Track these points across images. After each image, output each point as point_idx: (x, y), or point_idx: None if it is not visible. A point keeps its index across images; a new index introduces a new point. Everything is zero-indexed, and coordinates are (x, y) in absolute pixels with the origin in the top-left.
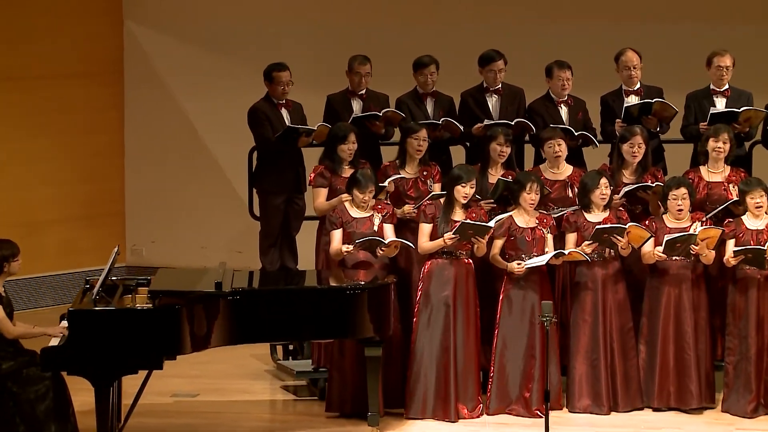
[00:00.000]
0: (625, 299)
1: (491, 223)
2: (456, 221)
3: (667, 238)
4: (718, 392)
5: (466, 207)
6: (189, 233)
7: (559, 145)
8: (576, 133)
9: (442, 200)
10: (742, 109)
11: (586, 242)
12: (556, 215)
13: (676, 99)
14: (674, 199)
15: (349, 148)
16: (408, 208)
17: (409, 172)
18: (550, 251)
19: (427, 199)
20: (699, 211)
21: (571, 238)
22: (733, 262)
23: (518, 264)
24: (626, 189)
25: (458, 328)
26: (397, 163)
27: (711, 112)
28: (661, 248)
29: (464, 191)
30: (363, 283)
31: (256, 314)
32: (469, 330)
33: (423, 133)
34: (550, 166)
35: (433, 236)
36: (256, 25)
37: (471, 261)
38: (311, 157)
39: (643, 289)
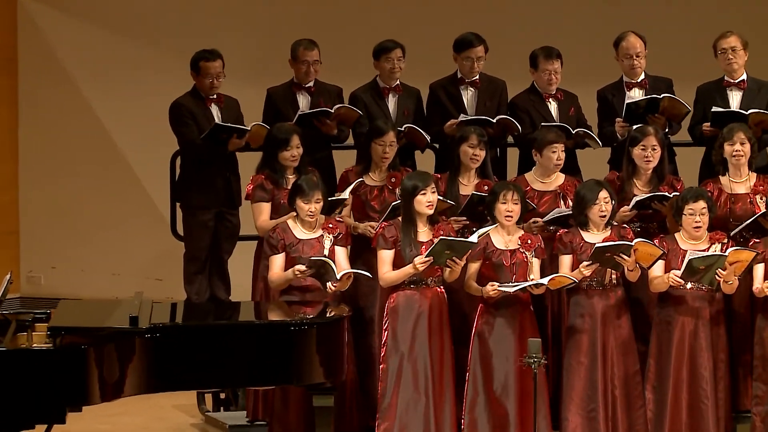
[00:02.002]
0: (629, 336)
1: (474, 237)
2: (422, 242)
3: (690, 257)
4: None
5: (432, 223)
6: (98, 257)
7: (562, 151)
8: (573, 131)
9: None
10: (749, 111)
11: (585, 263)
12: (546, 220)
13: (688, 93)
14: (691, 215)
15: (292, 154)
16: (363, 226)
17: (374, 178)
18: (536, 279)
19: (385, 219)
20: (720, 229)
21: (565, 260)
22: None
23: (491, 285)
24: (638, 198)
25: (435, 370)
26: (359, 169)
27: (713, 110)
28: (678, 272)
29: (427, 200)
30: (311, 317)
31: (180, 356)
32: (444, 371)
33: (391, 136)
34: (541, 174)
35: (397, 264)
36: (183, 5)
37: (443, 289)
38: (247, 163)
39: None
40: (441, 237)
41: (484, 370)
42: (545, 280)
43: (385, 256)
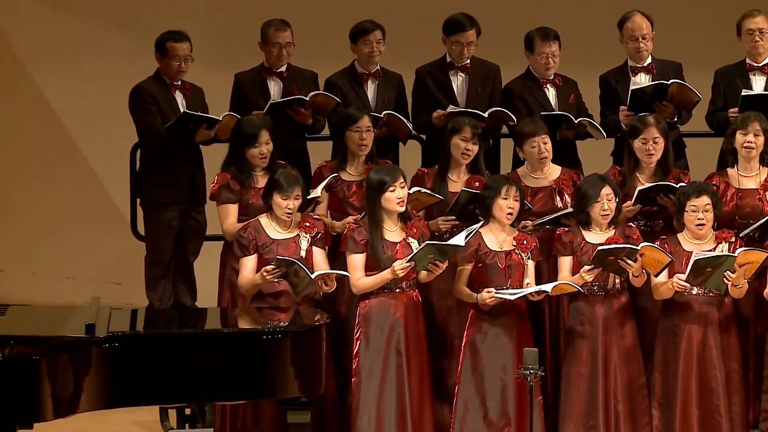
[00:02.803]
0: (634, 346)
1: (461, 238)
2: (395, 242)
3: (696, 257)
4: None
5: (403, 220)
6: (50, 259)
7: (545, 143)
8: (576, 120)
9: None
10: None
11: (586, 267)
12: (538, 224)
13: (700, 79)
14: (693, 212)
15: (261, 152)
16: (341, 224)
17: (351, 173)
18: (531, 283)
19: (359, 218)
20: (726, 227)
21: (565, 262)
22: None
23: (488, 292)
24: (641, 188)
25: (413, 383)
26: (335, 164)
27: (743, 94)
28: (683, 275)
29: (396, 196)
30: (285, 324)
31: (141, 367)
32: (423, 384)
33: (365, 121)
34: (532, 170)
35: (370, 268)
36: None
37: (417, 292)
38: (215, 156)
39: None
40: (427, 242)
41: (476, 383)
42: (548, 287)
43: (357, 261)
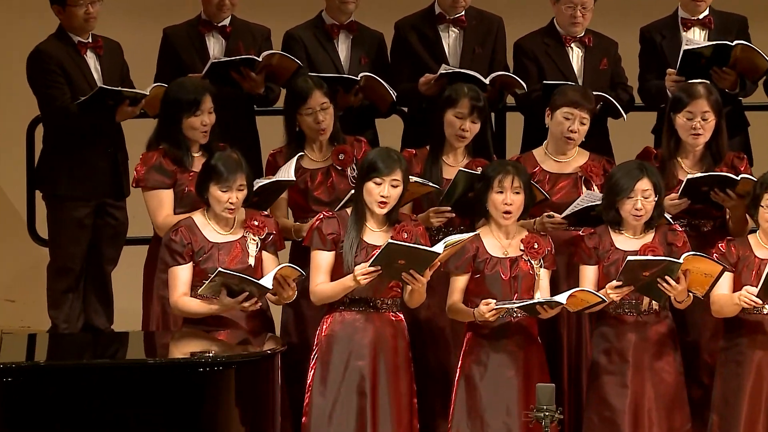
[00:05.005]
0: (676, 385)
1: (439, 247)
2: (375, 245)
3: None
4: None
5: (390, 221)
6: None
7: (582, 124)
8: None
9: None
10: None
11: (613, 283)
12: (568, 214)
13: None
14: None
15: (203, 121)
16: (300, 226)
17: (314, 158)
18: (544, 296)
19: (335, 208)
20: None
21: (589, 273)
22: None
23: (486, 303)
24: (691, 177)
25: (381, 427)
26: (287, 149)
27: None
28: (754, 289)
29: (380, 192)
30: (228, 353)
31: (43, 409)
32: (400, 429)
33: (318, 98)
34: (554, 150)
35: (338, 273)
36: None
37: (401, 316)
38: (137, 135)
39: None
40: (389, 241)
41: (473, 427)
42: (563, 297)
43: (321, 261)
